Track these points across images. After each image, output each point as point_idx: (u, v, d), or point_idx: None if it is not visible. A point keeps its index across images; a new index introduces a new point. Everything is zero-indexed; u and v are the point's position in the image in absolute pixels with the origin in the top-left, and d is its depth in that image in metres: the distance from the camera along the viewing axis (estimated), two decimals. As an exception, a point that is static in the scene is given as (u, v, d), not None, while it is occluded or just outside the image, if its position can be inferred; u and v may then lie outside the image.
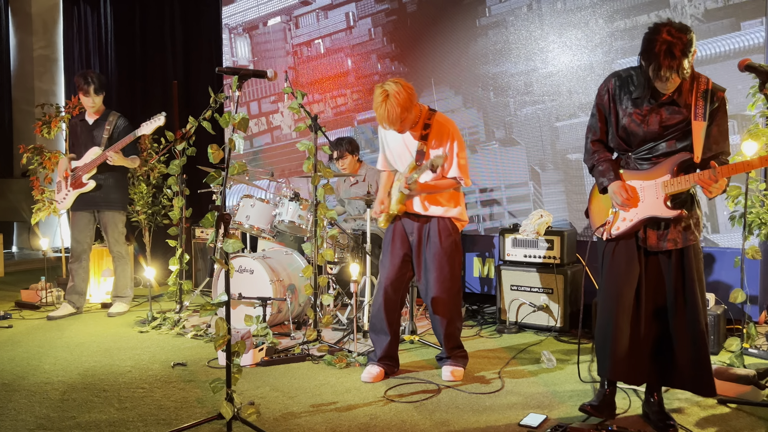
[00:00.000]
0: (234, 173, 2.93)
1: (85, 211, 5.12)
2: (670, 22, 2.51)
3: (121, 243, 5.21)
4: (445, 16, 5.51)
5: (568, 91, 4.98)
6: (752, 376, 3.15)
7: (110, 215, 5.13)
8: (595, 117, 2.87)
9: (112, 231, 5.15)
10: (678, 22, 2.51)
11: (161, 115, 4.85)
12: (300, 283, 4.65)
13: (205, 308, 2.76)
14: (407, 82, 3.36)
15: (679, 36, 2.45)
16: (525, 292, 4.64)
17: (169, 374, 3.66)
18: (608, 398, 2.91)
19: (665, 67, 2.47)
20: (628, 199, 2.74)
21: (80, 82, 4.97)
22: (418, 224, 3.55)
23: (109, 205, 5.11)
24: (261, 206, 4.83)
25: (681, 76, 2.51)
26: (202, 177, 4.70)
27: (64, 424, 2.94)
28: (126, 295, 5.30)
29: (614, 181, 2.78)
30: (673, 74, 2.48)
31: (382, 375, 3.51)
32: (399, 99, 3.27)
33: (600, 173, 2.84)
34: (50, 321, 5.01)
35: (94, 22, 7.89)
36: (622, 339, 2.76)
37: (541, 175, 5.13)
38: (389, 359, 3.57)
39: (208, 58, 7.16)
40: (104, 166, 4.97)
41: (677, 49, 2.44)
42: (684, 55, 2.46)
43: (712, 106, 2.62)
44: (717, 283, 4.45)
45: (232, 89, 2.82)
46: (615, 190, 2.77)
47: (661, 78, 2.51)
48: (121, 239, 5.21)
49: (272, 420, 2.98)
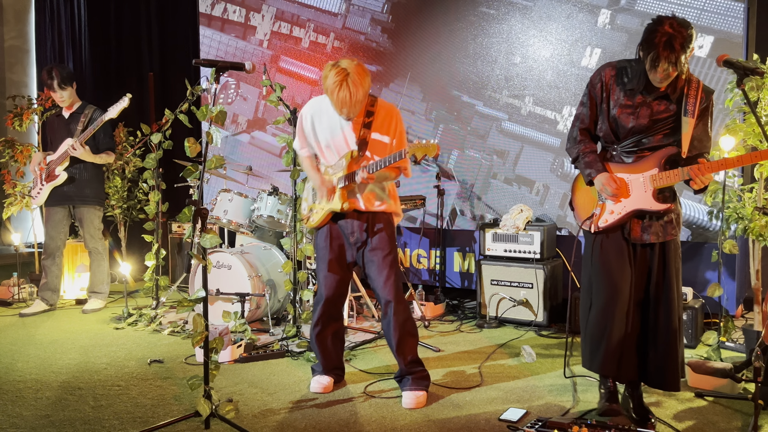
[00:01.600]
0: (211, 167, 2.89)
1: (60, 206, 5.03)
2: (674, 16, 2.54)
3: (98, 238, 5.13)
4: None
5: (548, 86, 4.99)
6: (729, 370, 3.18)
7: (86, 210, 5.04)
8: (585, 106, 2.86)
9: (88, 226, 5.06)
10: (681, 18, 2.54)
11: (125, 97, 4.76)
12: (279, 279, 4.61)
13: (183, 304, 2.72)
14: (360, 62, 3.02)
15: (680, 30, 2.49)
16: (505, 286, 4.64)
17: (146, 371, 3.61)
18: (615, 394, 2.89)
19: (663, 59, 2.51)
20: (618, 188, 2.74)
21: (44, 77, 4.89)
22: (359, 222, 3.17)
23: (85, 200, 5.02)
24: (239, 201, 4.78)
25: (678, 70, 2.54)
26: (178, 171, 4.63)
27: (37, 423, 2.88)
28: (101, 291, 5.22)
29: (602, 173, 2.77)
30: (671, 66, 2.52)
31: (332, 385, 3.32)
32: (359, 80, 2.90)
33: (586, 164, 2.83)
34: (23, 318, 4.91)
35: (67, 12, 7.73)
36: (617, 334, 2.78)
37: (524, 171, 5.14)
38: (337, 369, 3.39)
39: (184, 49, 7.06)
40: (79, 159, 4.88)
41: (677, 42, 2.48)
42: (683, 49, 2.50)
43: (701, 105, 2.66)
44: (695, 277, 4.50)
45: (210, 81, 2.77)
46: (604, 182, 2.76)
47: (657, 68, 2.54)
48: (98, 235, 5.13)
49: (251, 417, 2.95)
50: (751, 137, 3.67)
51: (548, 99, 4.99)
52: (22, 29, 8.65)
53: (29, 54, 8.66)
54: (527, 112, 5.10)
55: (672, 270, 2.75)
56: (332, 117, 3.13)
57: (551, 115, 4.99)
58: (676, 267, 2.77)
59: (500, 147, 5.22)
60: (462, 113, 5.37)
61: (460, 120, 5.36)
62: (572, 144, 2.91)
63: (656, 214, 2.73)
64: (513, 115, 5.17)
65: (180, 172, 3.18)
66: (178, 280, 5.79)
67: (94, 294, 5.20)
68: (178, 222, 6.19)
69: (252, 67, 2.90)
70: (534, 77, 5.03)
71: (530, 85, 5.05)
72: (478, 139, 5.31)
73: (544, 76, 5.00)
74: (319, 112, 3.18)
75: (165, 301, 5.20)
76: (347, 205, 3.14)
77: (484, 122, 5.28)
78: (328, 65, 2.98)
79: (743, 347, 3.82)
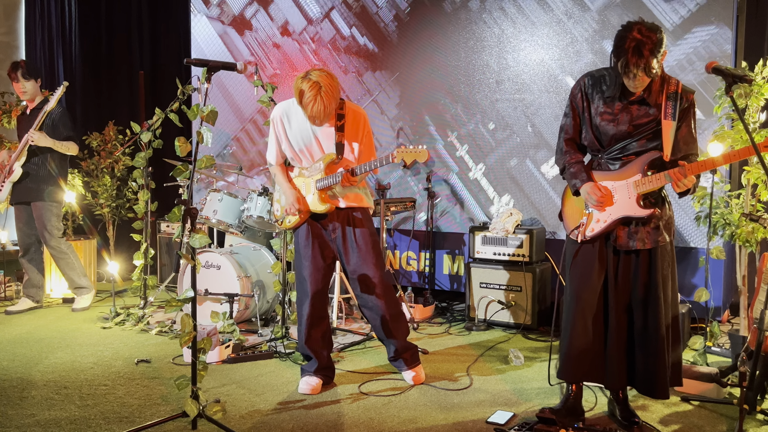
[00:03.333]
0: (202, 167, 2.88)
1: (23, 204, 4.96)
2: (642, 21, 2.56)
3: (56, 236, 4.95)
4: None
5: (539, 90, 5.01)
6: (715, 374, 3.21)
7: (40, 206, 4.88)
8: (568, 116, 2.88)
9: (45, 224, 4.89)
10: (650, 22, 2.56)
11: (61, 86, 4.78)
12: (268, 280, 4.60)
13: (171, 304, 2.71)
14: (329, 70, 3.13)
15: (648, 35, 2.51)
16: (494, 289, 4.66)
17: (133, 371, 3.59)
18: (572, 402, 2.90)
19: (632, 65, 2.52)
20: (603, 197, 2.75)
21: (9, 70, 4.86)
22: (339, 218, 3.32)
23: (39, 195, 4.87)
24: (229, 201, 4.77)
25: (649, 75, 2.55)
26: (168, 170, 4.61)
27: (23, 422, 2.86)
28: (84, 285, 5.11)
29: (587, 182, 2.80)
30: (640, 72, 2.53)
31: (320, 386, 3.33)
32: (332, 91, 3.02)
33: (572, 175, 2.85)
34: (9, 316, 4.87)
35: (57, 9, 7.67)
36: (578, 342, 2.80)
37: (514, 174, 5.16)
38: (326, 369, 3.40)
39: (176, 48, 7.03)
40: (35, 153, 4.83)
41: (646, 48, 2.50)
42: (652, 54, 2.51)
43: (681, 106, 2.66)
44: (682, 282, 4.53)
45: (201, 81, 2.76)
46: (589, 191, 2.78)
47: (628, 75, 2.56)
48: (55, 232, 4.94)
49: (238, 418, 2.94)
50: (739, 144, 3.71)
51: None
52: (12, 25, 8.59)
53: (19, 50, 8.60)
54: (474, 178, 5.28)
55: (659, 276, 2.75)
56: (302, 122, 3.26)
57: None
58: (665, 273, 2.77)
59: (437, 189, 5.39)
60: (422, 140, 5.42)
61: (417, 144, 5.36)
62: (559, 155, 2.93)
63: (642, 220, 2.75)
64: (463, 171, 5.32)
65: (170, 172, 3.17)
66: (166, 279, 5.76)
67: (78, 290, 5.11)
68: (167, 221, 6.16)
69: (244, 67, 2.89)
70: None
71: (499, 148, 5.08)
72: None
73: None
74: (287, 118, 3.30)
75: (153, 300, 5.17)
76: (329, 206, 3.27)
77: (437, 160, 5.41)
78: (298, 78, 3.08)
79: (729, 352, 3.85)
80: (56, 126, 4.86)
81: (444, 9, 5.35)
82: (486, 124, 5.23)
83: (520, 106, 5.08)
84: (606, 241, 2.82)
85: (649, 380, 2.77)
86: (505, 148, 5.17)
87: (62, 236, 5.02)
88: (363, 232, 3.33)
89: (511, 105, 5.11)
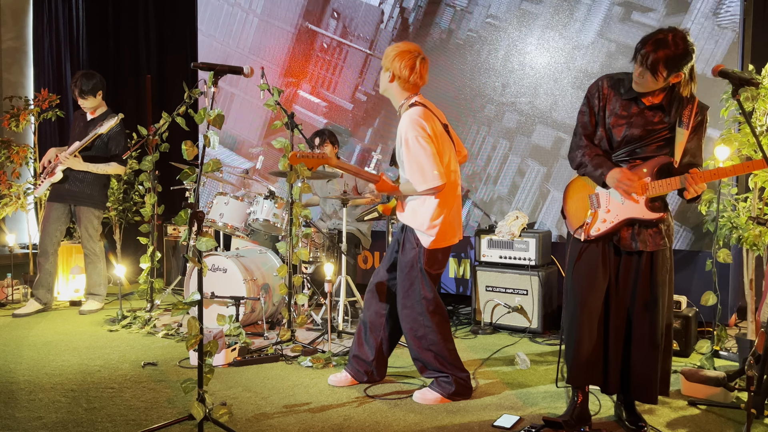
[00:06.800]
0: (208, 170, 2.88)
1: (61, 203, 5.05)
2: (683, 31, 2.55)
3: (95, 240, 5.12)
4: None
5: (545, 93, 5.01)
6: (722, 378, 3.19)
7: (86, 211, 5.04)
8: (585, 114, 2.84)
9: (87, 227, 5.06)
10: (681, 30, 2.55)
11: (117, 116, 4.87)
12: (274, 283, 4.60)
13: (177, 307, 2.71)
14: None
15: (676, 41, 2.51)
16: (500, 293, 4.65)
17: (139, 374, 3.60)
18: (579, 411, 2.86)
19: (642, 56, 2.54)
20: (636, 180, 2.68)
21: (72, 83, 5.01)
22: (398, 230, 3.37)
23: (87, 200, 5.03)
24: (235, 204, 4.78)
25: (653, 74, 2.55)
26: (175, 173, 4.62)
27: (30, 425, 2.87)
28: (99, 293, 5.21)
29: (614, 168, 2.73)
30: (647, 69, 2.54)
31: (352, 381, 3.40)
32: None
33: (596, 165, 2.76)
34: (16, 319, 4.90)
35: (65, 14, 7.72)
36: (585, 345, 2.78)
37: (518, 178, 5.15)
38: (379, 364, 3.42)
39: (183, 52, 7.06)
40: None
41: (664, 49, 2.50)
42: (666, 58, 2.51)
43: (696, 118, 2.67)
44: (689, 286, 4.51)
45: (208, 85, 2.77)
46: (619, 177, 2.68)
47: (636, 65, 2.58)
48: (96, 236, 5.12)
49: (244, 421, 2.95)
50: (746, 147, 3.70)
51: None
52: (20, 30, 8.64)
53: (27, 55, 8.65)
54: (480, 180, 5.24)
55: (658, 281, 2.74)
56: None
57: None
58: (663, 279, 2.76)
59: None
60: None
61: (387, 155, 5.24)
62: (576, 150, 2.86)
63: (647, 222, 2.74)
64: (469, 174, 5.28)
65: (176, 175, 3.18)
66: (173, 282, 5.78)
67: (92, 296, 5.19)
68: (173, 224, 6.18)
69: (250, 72, 2.90)
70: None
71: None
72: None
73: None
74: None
75: (159, 303, 5.19)
76: (385, 209, 3.48)
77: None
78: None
79: (736, 356, 3.83)
80: (107, 143, 5.00)
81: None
82: (489, 135, 5.23)
83: (526, 111, 5.08)
84: (608, 242, 2.81)
85: (642, 384, 2.76)
86: (511, 154, 5.17)
87: (99, 240, 5.18)
88: (403, 259, 3.37)
89: (515, 115, 5.11)
